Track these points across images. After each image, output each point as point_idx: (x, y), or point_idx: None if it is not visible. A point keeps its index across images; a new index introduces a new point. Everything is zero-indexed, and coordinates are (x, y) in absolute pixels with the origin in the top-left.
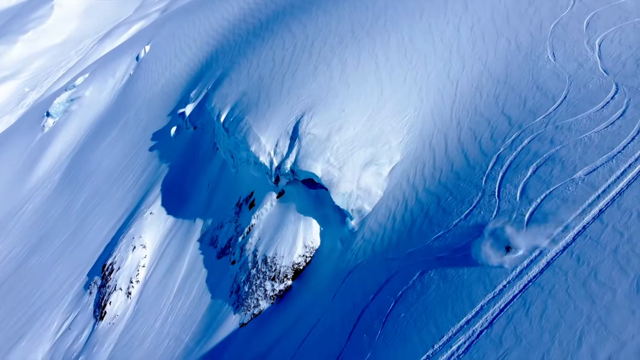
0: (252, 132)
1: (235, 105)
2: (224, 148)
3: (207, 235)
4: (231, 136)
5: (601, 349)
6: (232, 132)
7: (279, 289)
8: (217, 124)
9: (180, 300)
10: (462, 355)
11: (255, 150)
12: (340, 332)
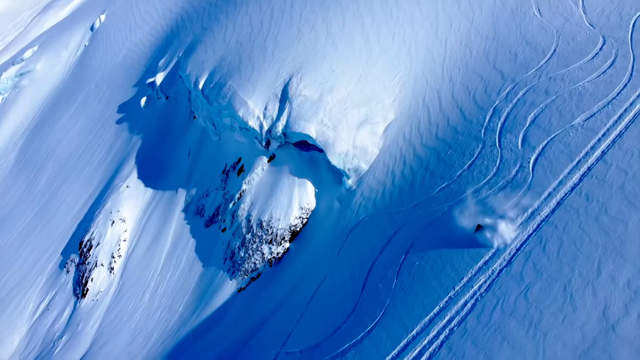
0: (237, 97)
1: (214, 71)
2: (204, 116)
3: (192, 204)
4: (213, 103)
5: (620, 275)
6: (213, 98)
7: (276, 252)
8: (195, 91)
9: (169, 271)
10: (484, 293)
11: (243, 115)
12: (352, 286)
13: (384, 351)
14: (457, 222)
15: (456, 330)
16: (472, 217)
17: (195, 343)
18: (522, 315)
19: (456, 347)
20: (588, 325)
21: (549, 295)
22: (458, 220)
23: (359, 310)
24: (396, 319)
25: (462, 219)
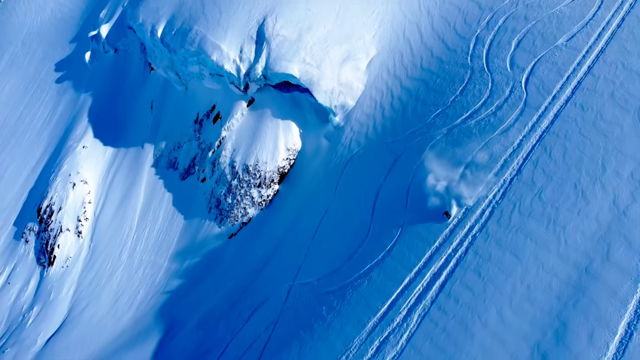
0: (208, 42)
1: (173, 18)
2: (164, 66)
3: (162, 159)
4: (177, 51)
5: (623, 169)
6: (176, 46)
7: (266, 195)
8: (152, 41)
9: (146, 228)
10: (499, 201)
11: (217, 60)
12: (360, 214)
13: (409, 264)
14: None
15: (479, 236)
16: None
17: (189, 294)
18: (539, 214)
19: (482, 250)
20: (602, 214)
21: (561, 194)
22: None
23: (373, 234)
24: (415, 236)
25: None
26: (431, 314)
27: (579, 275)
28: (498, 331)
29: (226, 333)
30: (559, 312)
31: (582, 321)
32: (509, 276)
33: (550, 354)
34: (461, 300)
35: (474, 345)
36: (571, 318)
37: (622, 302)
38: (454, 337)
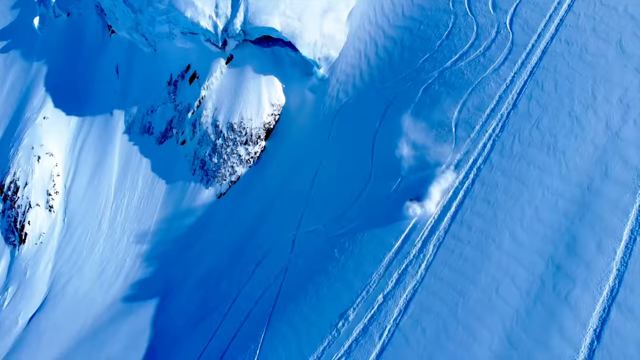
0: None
1: None
2: (128, 28)
3: (135, 124)
4: (144, 10)
5: (612, 95)
6: (144, 5)
7: (254, 152)
8: (112, 1)
9: (125, 196)
10: (499, 134)
11: (192, 17)
12: (358, 159)
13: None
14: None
15: (483, 167)
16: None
17: (183, 256)
18: (539, 142)
19: (488, 180)
20: (597, 137)
21: (557, 122)
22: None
23: (375, 176)
24: (420, 172)
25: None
26: (446, 243)
27: (582, 193)
28: (513, 251)
29: (230, 289)
30: (567, 227)
31: (590, 233)
32: (517, 201)
33: (564, 264)
34: (474, 227)
35: (491, 266)
36: (579, 231)
37: (624, 212)
38: (471, 261)
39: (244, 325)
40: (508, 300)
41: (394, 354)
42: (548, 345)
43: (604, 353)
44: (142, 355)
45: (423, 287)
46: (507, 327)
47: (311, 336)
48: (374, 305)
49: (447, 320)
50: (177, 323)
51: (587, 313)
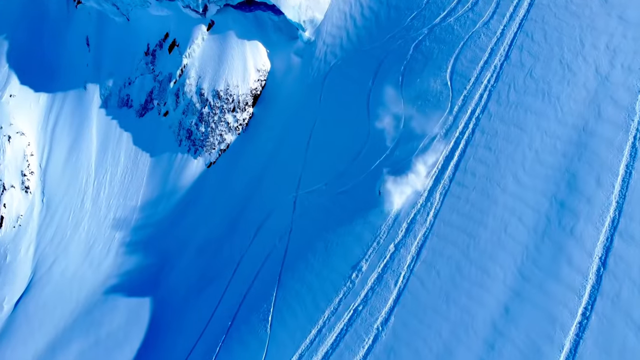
0: None
1: None
2: None
3: (112, 98)
4: None
5: (599, 42)
6: None
7: (242, 119)
8: None
9: (107, 172)
10: (495, 84)
11: None
12: (354, 118)
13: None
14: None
15: (482, 117)
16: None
17: (176, 227)
18: (534, 90)
19: (488, 128)
20: (588, 82)
21: (549, 70)
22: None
23: (373, 133)
24: (419, 124)
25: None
26: (452, 191)
27: (578, 134)
28: (517, 192)
29: (233, 254)
30: (567, 166)
31: (588, 170)
32: (518, 146)
33: (567, 200)
34: (478, 174)
35: (498, 208)
36: (578, 169)
37: (619, 149)
38: (478, 205)
39: (253, 287)
40: (517, 238)
41: (411, 298)
42: (558, 276)
43: (610, 277)
44: (145, 327)
45: (433, 233)
46: (518, 263)
47: (325, 290)
48: (386, 254)
49: (460, 261)
50: (179, 292)
51: (592, 243)
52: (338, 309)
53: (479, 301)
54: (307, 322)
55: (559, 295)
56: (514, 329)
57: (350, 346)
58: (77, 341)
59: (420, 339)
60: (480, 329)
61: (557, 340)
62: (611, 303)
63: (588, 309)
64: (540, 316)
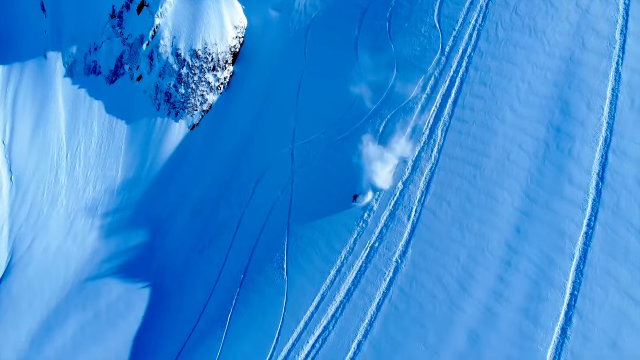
0: None
1: None
2: None
3: (77, 66)
4: None
5: None
6: None
7: (223, 77)
8: None
9: (80, 143)
10: (482, 23)
11: None
12: (343, 67)
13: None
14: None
15: (474, 55)
16: None
17: (165, 191)
18: (520, 26)
19: (481, 65)
20: (570, 16)
21: (533, 7)
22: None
23: (367, 80)
24: (411, 69)
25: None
26: (453, 126)
27: (566, 64)
28: (515, 122)
29: (232, 212)
30: (559, 94)
31: (579, 96)
32: (511, 79)
33: (562, 125)
34: (476, 108)
35: (499, 138)
36: (570, 96)
37: (604, 75)
38: (479, 137)
39: (261, 239)
40: (520, 164)
41: (425, 230)
42: (562, 194)
43: (609, 190)
44: (148, 295)
45: (439, 167)
46: (523, 186)
47: (339, 232)
48: (395, 192)
49: (468, 191)
50: (178, 256)
51: (589, 162)
52: (354, 248)
53: (491, 225)
54: (324, 264)
55: (564, 210)
56: (527, 245)
57: (372, 280)
58: (74, 317)
59: (439, 266)
60: (496, 249)
61: (568, 251)
62: (612, 213)
63: (592, 220)
64: (549, 231)
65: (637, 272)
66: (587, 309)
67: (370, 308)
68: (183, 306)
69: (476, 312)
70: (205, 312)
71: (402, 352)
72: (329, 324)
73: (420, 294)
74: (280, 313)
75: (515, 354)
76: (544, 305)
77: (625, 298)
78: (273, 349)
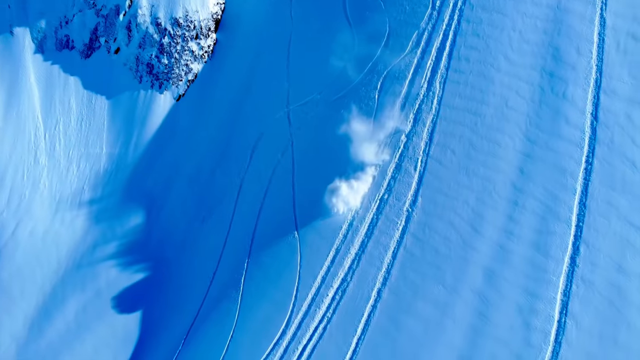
0: None
1: None
2: None
3: (47, 41)
4: None
5: None
6: None
7: (207, 45)
8: None
9: (59, 121)
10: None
11: None
12: (332, 27)
13: (410, 48)
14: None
15: (465, 8)
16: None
17: (155, 165)
18: None
19: (472, 17)
20: None
21: None
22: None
23: (359, 38)
24: (404, 24)
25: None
26: (450, 78)
27: (554, 12)
28: (510, 70)
29: (230, 178)
30: (549, 41)
31: (568, 42)
32: (503, 29)
33: (555, 70)
34: (471, 58)
35: (496, 86)
36: (559, 42)
37: (590, 20)
38: (477, 86)
39: (266, 201)
40: (518, 109)
41: (433, 178)
42: (560, 134)
43: (603, 127)
44: (150, 268)
45: (441, 118)
46: (523, 130)
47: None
48: (399, 145)
49: (471, 138)
50: (178, 228)
51: (582, 102)
52: (364, 202)
53: (495, 168)
54: (335, 220)
55: (563, 149)
56: (531, 184)
57: (385, 231)
58: (74, 298)
59: (450, 211)
60: (502, 191)
61: (570, 186)
62: (607, 148)
63: (590, 156)
64: (551, 170)
65: (635, 201)
66: (593, 238)
67: (386, 257)
68: (190, 276)
69: (489, 251)
70: (216, 278)
71: (422, 295)
72: (346, 276)
73: (434, 238)
74: (295, 271)
75: (530, 285)
76: (552, 239)
77: (626, 225)
78: (293, 306)
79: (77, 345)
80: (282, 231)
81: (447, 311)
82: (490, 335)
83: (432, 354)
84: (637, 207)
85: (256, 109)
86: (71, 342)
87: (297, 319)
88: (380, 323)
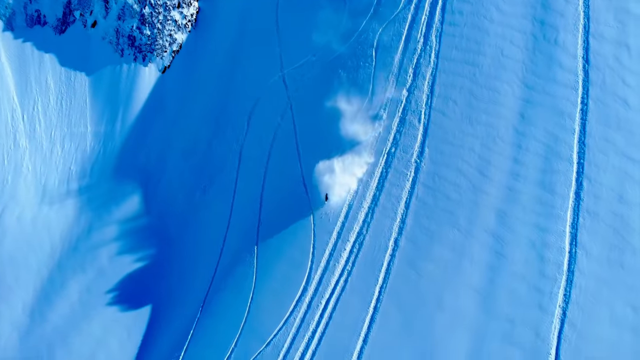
0: None
1: None
2: None
3: (16, 17)
4: None
5: None
6: None
7: (190, 14)
8: None
9: (37, 101)
10: None
11: None
12: None
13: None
14: None
15: None
16: None
17: (147, 137)
18: None
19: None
20: None
21: None
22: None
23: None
24: None
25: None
26: (445, 31)
27: None
28: (503, 20)
29: (229, 146)
30: None
31: None
32: None
33: (545, 18)
34: (465, 11)
35: (490, 37)
36: None
37: None
38: (472, 38)
39: (269, 166)
40: (514, 57)
41: (437, 129)
42: (555, 79)
43: (594, 70)
44: (154, 242)
45: (440, 70)
46: (520, 77)
47: (351, 144)
48: (401, 99)
49: (471, 88)
50: (177, 200)
51: (573, 48)
52: (370, 157)
53: (497, 115)
54: None
55: (560, 93)
56: (533, 128)
57: (396, 183)
58: (75, 280)
59: (457, 158)
60: (505, 136)
61: (569, 127)
62: (600, 89)
63: (585, 97)
64: (550, 112)
65: (629, 136)
66: (594, 173)
67: (400, 207)
68: (199, 245)
69: (499, 193)
70: (226, 244)
71: (438, 240)
72: (362, 229)
73: (444, 186)
74: (309, 228)
75: (540, 221)
76: (557, 177)
77: (624, 159)
78: (311, 262)
79: (85, 325)
80: (290, 192)
81: (464, 253)
82: (507, 271)
83: (454, 294)
84: (633, 142)
85: (248, 75)
86: (78, 323)
87: (317, 274)
88: (401, 270)
